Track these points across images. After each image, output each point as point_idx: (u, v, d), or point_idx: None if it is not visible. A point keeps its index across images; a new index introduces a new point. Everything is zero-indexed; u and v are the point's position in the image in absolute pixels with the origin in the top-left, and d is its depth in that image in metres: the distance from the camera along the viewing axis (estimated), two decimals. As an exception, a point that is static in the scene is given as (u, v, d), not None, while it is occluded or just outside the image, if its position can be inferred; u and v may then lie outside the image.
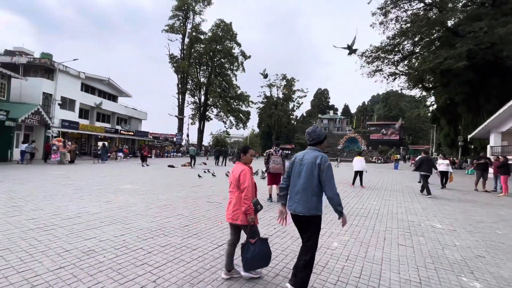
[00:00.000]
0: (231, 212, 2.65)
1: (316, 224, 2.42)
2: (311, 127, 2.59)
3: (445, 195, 9.05)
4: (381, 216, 5.72)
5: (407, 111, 74.26)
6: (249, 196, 2.54)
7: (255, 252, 2.52)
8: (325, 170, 2.30)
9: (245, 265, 2.58)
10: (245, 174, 2.61)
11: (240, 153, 2.86)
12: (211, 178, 11.38)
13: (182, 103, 43.71)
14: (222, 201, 6.60)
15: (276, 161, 6.84)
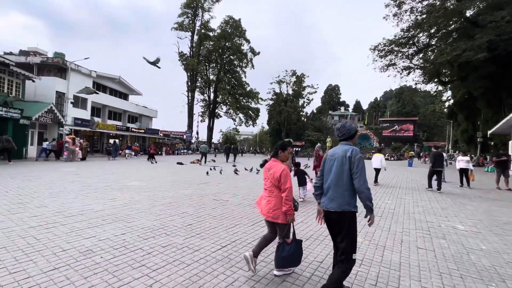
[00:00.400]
0: (271, 211, 2.65)
1: (349, 221, 2.24)
2: (340, 123, 2.48)
3: (465, 194, 8.52)
4: (397, 216, 5.36)
5: (422, 106, 71.93)
6: (290, 197, 2.58)
7: (290, 252, 2.58)
8: (356, 163, 2.19)
9: (278, 263, 2.62)
10: (286, 175, 2.61)
11: (278, 149, 2.82)
12: (218, 175, 11.22)
13: (191, 101, 43.91)
14: (229, 199, 6.41)
15: None
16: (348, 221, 2.24)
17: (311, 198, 8.38)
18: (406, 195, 7.86)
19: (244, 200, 6.34)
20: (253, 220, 4.69)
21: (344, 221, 2.24)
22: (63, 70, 22.70)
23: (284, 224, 2.63)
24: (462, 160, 9.60)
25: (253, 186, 8.56)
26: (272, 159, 2.83)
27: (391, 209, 5.94)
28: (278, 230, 2.73)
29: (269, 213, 2.66)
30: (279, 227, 2.69)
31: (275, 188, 2.65)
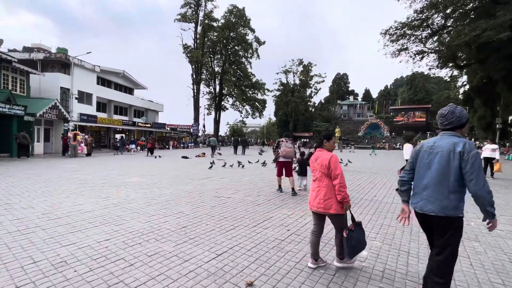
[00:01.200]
0: (322, 201, 2.56)
1: (455, 229, 1.89)
2: (447, 107, 2.03)
3: (490, 185, 7.77)
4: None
5: (435, 93, 69.21)
6: (344, 183, 2.50)
7: (357, 238, 2.51)
8: (471, 160, 1.80)
9: (350, 252, 2.51)
10: (335, 161, 2.56)
11: (323, 139, 2.79)
12: (222, 169, 10.79)
13: (197, 94, 43.45)
14: (231, 195, 5.95)
15: (287, 145, 6.33)
16: (454, 228, 1.89)
17: None
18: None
19: (247, 196, 5.87)
20: (255, 220, 4.21)
21: (448, 228, 1.89)
22: (67, 66, 22.54)
23: (339, 214, 2.55)
24: (488, 149, 8.78)
25: (257, 180, 8.08)
26: (318, 149, 2.78)
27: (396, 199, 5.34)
28: (333, 222, 2.65)
29: (319, 204, 2.56)
30: (334, 219, 2.60)
31: (325, 177, 2.58)
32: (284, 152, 6.36)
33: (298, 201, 5.49)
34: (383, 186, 7.23)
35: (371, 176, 9.33)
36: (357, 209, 4.88)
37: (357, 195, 6.07)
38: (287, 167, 6.49)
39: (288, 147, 6.37)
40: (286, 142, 6.45)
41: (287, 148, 6.34)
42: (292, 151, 6.43)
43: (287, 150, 6.34)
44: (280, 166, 6.50)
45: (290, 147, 6.39)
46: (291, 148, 6.39)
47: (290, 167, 6.62)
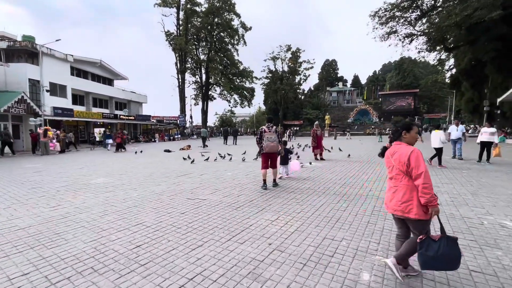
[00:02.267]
0: (400, 203, 2.22)
1: None
2: None
3: (488, 171, 7.28)
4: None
5: (422, 78, 69.54)
6: (429, 184, 2.09)
7: (439, 252, 2.06)
8: None
9: (423, 263, 2.12)
10: (417, 157, 2.15)
11: (401, 130, 2.37)
12: (206, 163, 9.95)
13: (182, 83, 41.75)
14: (208, 196, 5.15)
15: (270, 138, 5.74)
16: None
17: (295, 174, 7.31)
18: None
19: (226, 197, 5.08)
20: (231, 231, 3.44)
21: None
22: (35, 55, 20.68)
23: (419, 220, 2.14)
24: (486, 132, 8.24)
25: (241, 176, 7.30)
26: (395, 143, 2.39)
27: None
28: (411, 226, 2.25)
29: (397, 206, 2.23)
30: (413, 224, 2.22)
31: (404, 175, 2.22)
32: (268, 148, 5.75)
33: (284, 201, 4.75)
34: (378, 176, 6.62)
35: (365, 165, 8.72)
36: (352, 208, 4.20)
37: (350, 191, 5.40)
38: (272, 158, 5.93)
39: (271, 140, 5.73)
40: (268, 133, 5.79)
41: (270, 143, 5.71)
42: (276, 145, 5.81)
43: (270, 145, 5.71)
44: (266, 158, 5.88)
45: (274, 141, 5.75)
46: (274, 142, 5.75)
47: (275, 159, 6.02)
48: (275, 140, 5.76)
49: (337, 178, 6.60)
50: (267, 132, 5.81)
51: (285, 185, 6.05)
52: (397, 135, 2.39)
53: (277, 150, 5.91)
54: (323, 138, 10.64)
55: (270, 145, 5.75)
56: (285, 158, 6.95)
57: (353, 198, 4.84)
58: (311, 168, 8.34)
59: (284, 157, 6.86)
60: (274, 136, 5.79)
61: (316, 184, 5.98)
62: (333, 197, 4.90)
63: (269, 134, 5.78)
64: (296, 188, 5.74)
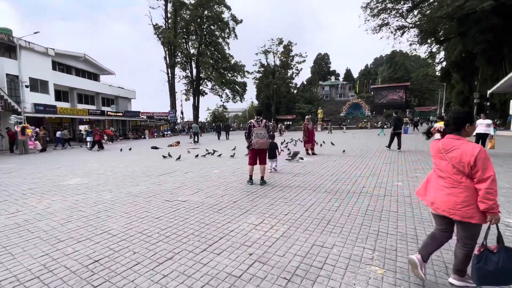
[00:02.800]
0: (460, 207, 1.90)
1: None
2: None
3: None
4: (420, 211, 3.79)
5: (414, 71, 69.99)
6: (494, 189, 1.81)
7: (499, 265, 1.78)
8: None
9: (481, 278, 1.85)
10: (485, 159, 1.83)
11: (464, 122, 1.99)
12: (191, 160, 9.49)
13: (172, 78, 40.73)
14: (189, 197, 4.72)
15: (260, 134, 5.31)
16: None
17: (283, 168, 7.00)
18: (416, 171, 6.36)
19: (208, 197, 4.66)
20: (208, 238, 3.03)
21: None
22: (13, 49, 19.57)
23: (478, 224, 1.92)
24: (481, 124, 8.02)
25: (228, 173, 6.88)
26: (452, 136, 2.01)
27: (405, 196, 4.38)
28: (463, 230, 1.99)
29: (453, 210, 1.94)
30: (466, 228, 1.97)
31: (464, 176, 1.91)
32: (257, 145, 5.32)
33: (271, 201, 4.37)
34: (371, 171, 6.30)
35: (357, 159, 8.41)
36: (345, 208, 3.84)
37: (342, 187, 5.05)
38: (261, 155, 5.51)
39: (261, 136, 5.30)
40: (258, 128, 5.35)
41: (260, 140, 5.29)
42: (266, 141, 5.39)
43: (260, 142, 5.29)
44: (254, 154, 5.48)
45: (264, 137, 5.32)
46: (264, 138, 5.32)
47: (265, 155, 5.64)
48: (265, 136, 5.33)
49: (329, 174, 6.25)
50: (256, 127, 5.37)
51: (274, 182, 5.67)
52: (456, 127, 2.01)
53: (266, 147, 5.51)
54: (314, 132, 10.27)
55: (260, 142, 5.32)
56: (273, 152, 6.69)
57: (345, 196, 4.49)
58: (302, 163, 7.98)
59: (272, 152, 6.62)
60: (264, 131, 5.36)
61: (307, 181, 5.61)
62: (324, 195, 4.54)
63: (258, 129, 5.33)
64: (285, 185, 5.37)
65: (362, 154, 9.82)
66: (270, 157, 6.67)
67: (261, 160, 5.54)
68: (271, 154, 6.62)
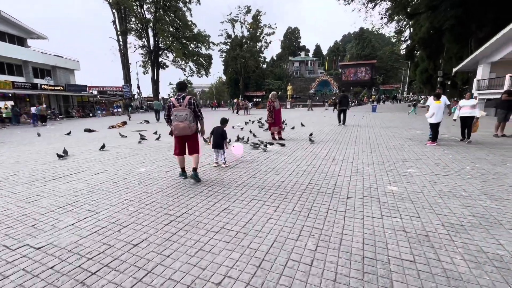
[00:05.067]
0: None
1: None
2: None
3: (475, 153, 5.98)
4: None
5: (380, 49, 70.96)
6: None
7: None
8: None
9: None
10: None
11: None
12: (115, 152, 7.23)
13: (124, 47, 35.54)
14: (60, 233, 2.69)
15: (180, 116, 3.94)
16: None
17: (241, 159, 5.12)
18: (405, 162, 5.01)
19: (94, 234, 2.69)
20: None
21: None
22: None
23: None
24: (466, 106, 6.83)
25: (158, 173, 4.89)
26: None
27: (412, 215, 2.88)
28: None
29: None
30: None
31: None
32: (176, 131, 3.99)
33: (203, 236, 2.55)
34: (352, 166, 4.80)
35: (331, 147, 6.90)
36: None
37: (319, 199, 3.42)
38: (189, 142, 4.19)
39: (181, 119, 3.90)
40: (178, 108, 3.94)
41: (180, 123, 3.89)
42: (188, 126, 3.94)
43: (179, 126, 3.90)
44: (179, 141, 4.18)
45: (185, 119, 3.91)
46: (185, 122, 3.86)
47: (194, 142, 4.21)
48: (186, 119, 3.90)
49: (299, 171, 4.60)
50: (177, 106, 3.91)
51: (215, 178, 3.86)
52: None
53: (190, 133, 4.02)
54: (281, 113, 8.40)
55: (180, 127, 3.92)
56: (221, 140, 5.07)
57: (323, 221, 2.85)
58: (265, 155, 6.24)
59: (218, 139, 5.05)
60: (186, 112, 3.89)
61: (266, 184, 3.89)
62: (292, 219, 2.85)
63: (178, 109, 3.88)
64: (229, 182, 3.59)
65: (336, 138, 8.39)
66: (215, 147, 5.10)
67: (190, 149, 4.22)
68: (216, 143, 5.06)
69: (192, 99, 4.06)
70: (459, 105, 7.05)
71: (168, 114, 4.07)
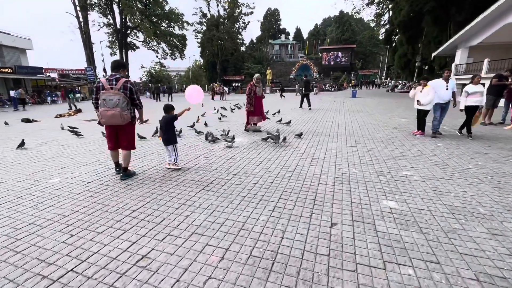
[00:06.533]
0: None
1: None
2: None
3: (477, 147, 5.25)
4: None
5: (360, 33, 70.59)
6: None
7: None
8: None
9: None
10: None
11: None
12: (44, 147, 5.75)
13: (85, 24, 31.72)
14: None
15: (109, 102, 3.15)
16: None
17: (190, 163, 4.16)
18: (397, 160, 4.11)
19: None
20: None
21: None
22: None
23: None
24: (475, 93, 5.51)
25: (70, 189, 3.60)
26: None
27: (398, 219, 1.93)
28: None
29: None
30: None
31: None
32: (103, 119, 3.23)
33: None
34: (337, 167, 3.83)
35: (311, 139, 5.90)
36: None
37: (291, 199, 2.36)
38: (121, 132, 3.44)
39: (110, 105, 3.15)
40: (108, 92, 3.16)
41: (109, 110, 3.15)
42: (119, 114, 3.17)
43: (108, 114, 3.16)
44: (110, 132, 3.47)
45: (115, 105, 3.15)
46: (115, 109, 3.16)
47: (127, 135, 3.48)
48: (117, 105, 3.16)
49: (268, 176, 3.53)
50: (107, 89, 3.18)
51: (152, 190, 2.68)
52: None
53: (121, 122, 3.27)
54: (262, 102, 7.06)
55: (108, 114, 3.17)
56: (171, 134, 3.92)
57: (279, 239, 1.80)
58: (232, 151, 5.10)
59: (166, 132, 3.88)
60: (118, 97, 3.16)
61: (213, 193, 2.78)
62: (238, 244, 1.78)
63: (108, 93, 3.16)
64: (169, 200, 2.44)
65: (316, 129, 7.40)
66: (166, 143, 3.92)
67: (122, 142, 3.49)
68: (166, 138, 3.89)
69: (128, 83, 3.27)
70: (466, 92, 5.95)
71: (96, 98, 3.28)
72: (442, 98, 5.70)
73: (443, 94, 5.68)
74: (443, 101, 5.73)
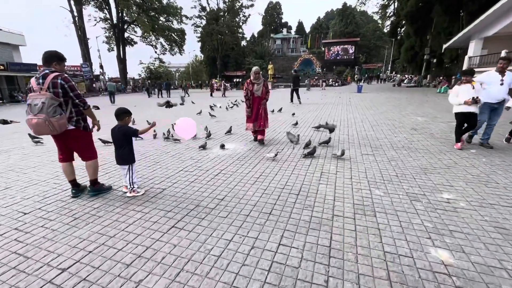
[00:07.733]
0: None
1: None
2: None
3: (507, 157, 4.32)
4: None
5: (363, 26, 68.80)
6: None
7: None
8: None
9: None
10: None
11: None
12: (26, 160, 4.91)
13: (80, 19, 30.75)
14: None
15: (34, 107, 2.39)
16: None
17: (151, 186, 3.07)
18: (428, 175, 3.22)
19: None
20: None
21: None
22: None
23: None
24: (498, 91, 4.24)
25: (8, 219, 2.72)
26: None
27: None
28: None
29: None
30: None
31: None
32: (32, 129, 2.47)
33: None
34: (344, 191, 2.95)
35: (324, 145, 4.99)
36: None
37: (293, 256, 1.49)
38: (72, 143, 2.77)
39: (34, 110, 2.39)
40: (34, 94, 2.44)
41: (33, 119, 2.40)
42: (42, 121, 2.39)
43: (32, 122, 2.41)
44: (57, 142, 2.78)
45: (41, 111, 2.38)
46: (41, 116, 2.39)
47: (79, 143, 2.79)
48: (42, 110, 2.37)
49: (262, 201, 2.66)
50: (36, 89, 2.43)
51: (107, 231, 1.82)
52: None
53: (51, 132, 2.49)
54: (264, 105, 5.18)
55: (32, 123, 2.41)
56: (127, 151, 2.90)
57: None
58: (219, 165, 4.22)
59: (124, 150, 2.88)
60: (43, 100, 2.37)
61: (186, 234, 1.92)
62: None
63: (33, 96, 2.40)
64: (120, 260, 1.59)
65: (324, 132, 6.48)
66: (120, 162, 2.95)
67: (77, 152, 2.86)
68: (120, 156, 2.90)
69: (59, 78, 2.47)
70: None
71: None
72: (494, 96, 4.31)
73: (495, 91, 4.28)
74: (496, 100, 4.33)
